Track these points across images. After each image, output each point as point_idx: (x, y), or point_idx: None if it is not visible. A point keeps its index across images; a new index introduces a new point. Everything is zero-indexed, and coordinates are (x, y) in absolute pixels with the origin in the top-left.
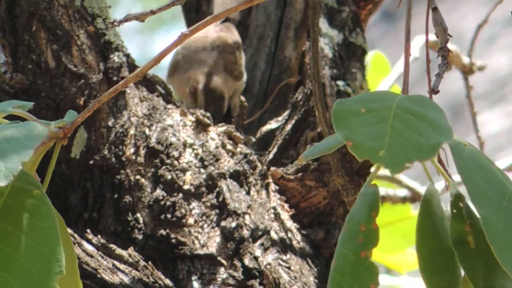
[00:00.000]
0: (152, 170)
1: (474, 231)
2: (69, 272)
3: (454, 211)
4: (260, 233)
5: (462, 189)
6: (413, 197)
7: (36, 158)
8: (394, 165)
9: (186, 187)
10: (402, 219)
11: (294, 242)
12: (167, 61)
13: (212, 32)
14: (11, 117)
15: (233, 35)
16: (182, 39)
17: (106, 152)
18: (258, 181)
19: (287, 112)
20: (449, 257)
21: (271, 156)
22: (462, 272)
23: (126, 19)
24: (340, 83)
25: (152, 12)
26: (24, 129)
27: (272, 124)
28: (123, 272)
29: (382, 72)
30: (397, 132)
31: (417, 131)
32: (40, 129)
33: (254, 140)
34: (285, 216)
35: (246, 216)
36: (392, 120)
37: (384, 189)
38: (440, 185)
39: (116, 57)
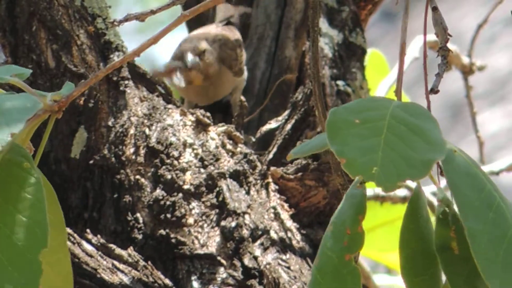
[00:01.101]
0: (152, 170)
1: (459, 237)
2: (59, 243)
3: (440, 216)
4: (260, 232)
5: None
6: None
7: (29, 130)
8: (386, 183)
9: (186, 186)
10: (400, 218)
11: (294, 242)
12: (165, 60)
13: (214, 30)
14: (7, 86)
15: (235, 34)
16: (181, 19)
17: (106, 151)
18: (258, 181)
19: (287, 112)
20: (430, 260)
21: (271, 155)
22: (443, 276)
23: (126, 19)
24: (340, 82)
25: (152, 12)
26: (18, 101)
27: (272, 124)
28: (122, 272)
29: (380, 71)
30: (390, 146)
31: (410, 145)
32: (34, 102)
33: (254, 139)
34: (285, 215)
35: (246, 216)
36: (385, 132)
37: None
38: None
39: (116, 57)
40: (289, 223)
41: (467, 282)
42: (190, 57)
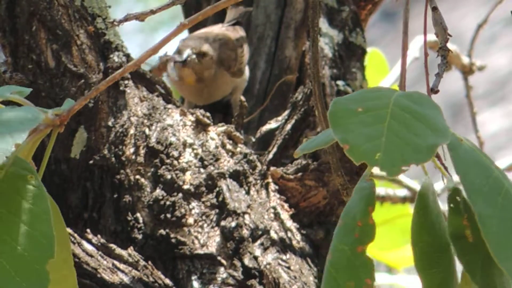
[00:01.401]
0: (152, 170)
1: (472, 225)
2: (64, 259)
3: (452, 205)
4: (260, 232)
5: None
6: (413, 197)
7: (32, 145)
8: (391, 167)
9: (185, 186)
10: (401, 216)
11: (294, 242)
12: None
13: (217, 30)
14: (9, 103)
15: (237, 33)
16: (180, 29)
17: (106, 152)
18: (258, 181)
19: (287, 112)
20: (444, 252)
21: (270, 156)
22: (458, 267)
23: (126, 18)
24: (340, 82)
25: (152, 12)
26: (20, 113)
27: (272, 124)
28: (123, 271)
29: (380, 70)
30: (394, 132)
31: (414, 131)
32: (35, 113)
33: (254, 140)
34: (285, 215)
35: (246, 216)
36: (389, 119)
37: (384, 189)
38: (441, 184)
39: (116, 57)
40: (289, 223)
41: (482, 270)
42: (188, 52)
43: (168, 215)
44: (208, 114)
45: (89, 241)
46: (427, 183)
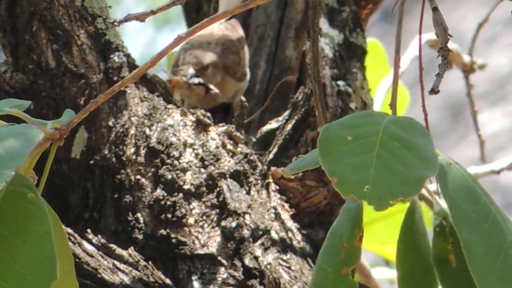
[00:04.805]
0: (153, 170)
1: (457, 250)
2: (66, 271)
3: (437, 229)
4: (261, 233)
5: None
6: None
7: (32, 159)
8: (378, 201)
9: (186, 187)
10: (400, 211)
11: (295, 242)
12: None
13: (217, 31)
14: (8, 116)
15: (237, 34)
16: (178, 42)
17: (106, 152)
18: (259, 181)
19: (287, 112)
20: (428, 273)
21: (271, 156)
22: None
23: (126, 19)
24: (340, 83)
25: (152, 12)
26: (20, 133)
27: (273, 124)
28: (123, 272)
29: (378, 60)
30: (383, 162)
31: (402, 161)
32: (35, 132)
33: (254, 140)
34: (285, 216)
35: (247, 216)
36: (378, 148)
37: None
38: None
39: (116, 57)
40: (290, 223)
41: None
42: (191, 73)
43: (169, 215)
44: (208, 114)
45: (89, 241)
46: (414, 203)
